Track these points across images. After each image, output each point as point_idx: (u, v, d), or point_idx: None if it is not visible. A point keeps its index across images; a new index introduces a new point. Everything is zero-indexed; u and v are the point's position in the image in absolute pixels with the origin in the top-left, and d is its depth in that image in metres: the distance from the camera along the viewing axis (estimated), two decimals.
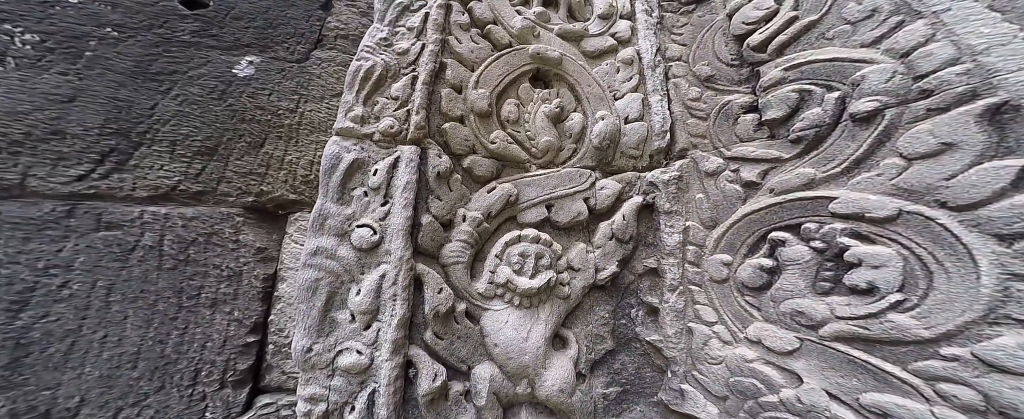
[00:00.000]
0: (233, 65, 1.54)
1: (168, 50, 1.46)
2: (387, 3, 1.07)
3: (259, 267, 1.43)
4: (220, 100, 1.47)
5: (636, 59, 1.20)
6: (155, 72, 1.41)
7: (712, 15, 1.22)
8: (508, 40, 1.14)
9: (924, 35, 0.75)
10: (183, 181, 1.34)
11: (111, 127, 1.31)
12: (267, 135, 1.48)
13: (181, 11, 1.56)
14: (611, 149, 1.11)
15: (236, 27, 1.62)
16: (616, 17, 1.28)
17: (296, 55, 1.65)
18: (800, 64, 0.93)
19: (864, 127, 0.79)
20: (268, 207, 1.45)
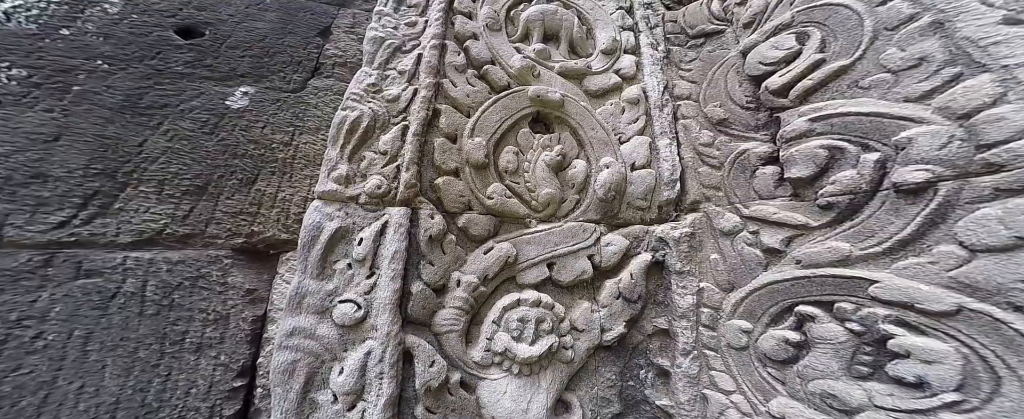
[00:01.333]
0: (227, 96, 1.45)
1: (160, 82, 1.38)
2: (376, 44, 0.97)
3: (248, 309, 1.34)
4: (212, 134, 1.38)
5: (642, 98, 1.08)
6: (145, 106, 1.33)
7: (723, 50, 1.10)
8: (506, 81, 1.03)
9: (991, 94, 0.62)
10: (170, 224, 1.25)
11: (96, 167, 1.21)
12: (260, 170, 1.38)
13: (176, 41, 1.48)
14: (617, 201, 0.99)
15: (231, 56, 1.53)
16: (620, 52, 1.16)
17: (292, 84, 1.56)
18: (829, 115, 0.80)
19: (911, 201, 0.67)
20: (259, 247, 1.36)
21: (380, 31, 0.99)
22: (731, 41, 1.10)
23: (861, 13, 0.81)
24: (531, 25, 1.14)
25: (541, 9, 1.16)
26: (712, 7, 1.19)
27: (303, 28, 1.70)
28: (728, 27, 1.12)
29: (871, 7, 0.80)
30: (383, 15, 1.03)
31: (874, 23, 0.78)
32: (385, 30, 1.00)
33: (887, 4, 0.77)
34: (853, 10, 0.82)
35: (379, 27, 1.00)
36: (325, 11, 1.74)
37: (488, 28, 1.08)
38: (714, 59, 1.10)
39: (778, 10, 0.99)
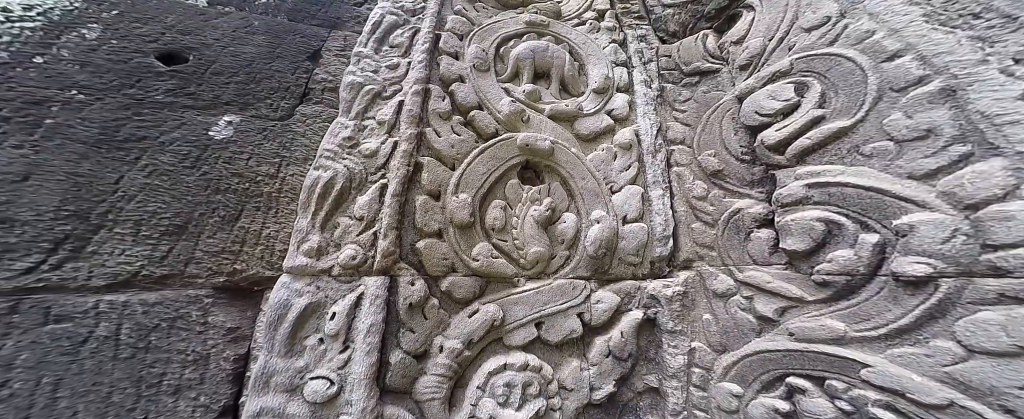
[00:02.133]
0: (210, 126, 1.37)
1: (139, 113, 1.29)
2: (354, 91, 0.89)
3: (229, 348, 1.27)
4: (193, 168, 1.31)
5: (635, 142, 1.03)
6: (122, 140, 1.25)
7: (718, 92, 1.04)
8: (494, 128, 0.97)
9: (1003, 185, 0.56)
10: (147, 266, 1.17)
11: (68, 209, 1.12)
12: (243, 206, 1.31)
13: (157, 67, 1.39)
14: (608, 257, 0.94)
15: (216, 83, 1.44)
16: (612, 90, 1.10)
17: (280, 112, 1.48)
18: (827, 184, 0.75)
19: (910, 291, 0.63)
20: (242, 285, 1.30)
21: (358, 75, 0.92)
22: (727, 82, 1.04)
23: (865, 68, 0.75)
24: (521, 64, 1.08)
25: (532, 47, 1.10)
26: (707, 44, 1.13)
27: (292, 52, 1.62)
28: (724, 66, 1.06)
29: (876, 63, 0.74)
30: (362, 57, 0.95)
31: (879, 81, 0.72)
32: (364, 74, 0.92)
33: (894, 62, 0.71)
34: (856, 64, 0.76)
35: (357, 71, 0.92)
36: (315, 34, 1.66)
37: (475, 69, 1.02)
38: (709, 101, 1.04)
39: (776, 55, 0.93)
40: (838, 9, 0.82)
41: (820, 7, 0.85)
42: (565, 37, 1.18)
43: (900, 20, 0.71)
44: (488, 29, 1.12)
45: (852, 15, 0.80)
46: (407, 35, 1.00)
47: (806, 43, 0.85)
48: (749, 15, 1.04)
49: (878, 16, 0.75)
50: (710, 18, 1.16)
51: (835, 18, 0.81)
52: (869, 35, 0.74)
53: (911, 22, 0.69)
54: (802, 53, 0.84)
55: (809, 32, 0.85)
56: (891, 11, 0.74)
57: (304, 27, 1.66)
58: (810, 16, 0.86)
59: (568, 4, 1.29)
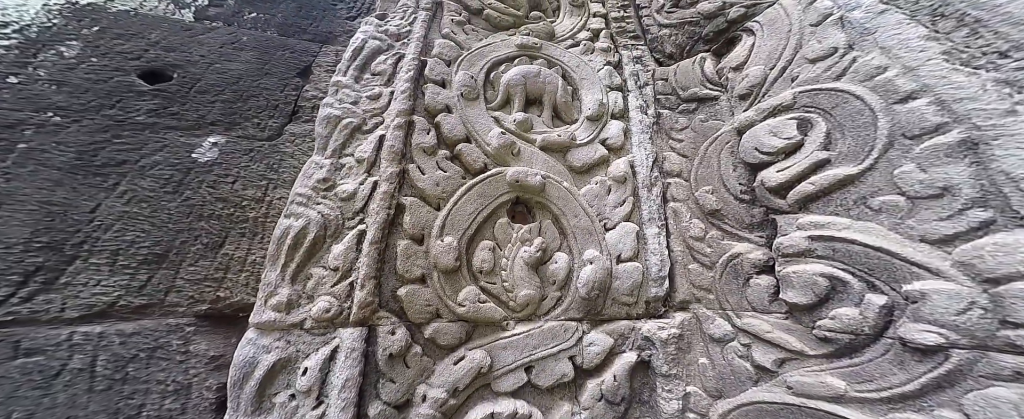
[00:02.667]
0: (194, 148, 1.31)
1: (119, 135, 1.23)
2: (331, 125, 0.81)
3: (212, 377, 1.22)
4: (175, 193, 1.25)
5: (629, 176, 0.97)
6: (100, 164, 1.19)
7: (716, 121, 0.98)
8: (483, 163, 0.90)
9: None
10: (124, 296, 1.12)
11: (40, 240, 1.05)
12: (228, 232, 1.25)
13: (139, 86, 1.32)
14: (601, 298, 0.89)
15: (201, 102, 1.38)
16: (607, 117, 1.03)
17: (267, 131, 1.42)
18: (832, 238, 0.68)
19: (918, 358, 0.58)
20: (225, 312, 1.25)
21: (336, 107, 0.84)
22: (725, 111, 0.98)
23: (875, 109, 0.68)
24: (512, 90, 1.01)
25: (523, 72, 1.03)
26: (705, 68, 1.06)
27: (281, 68, 1.55)
28: (722, 93, 1.00)
29: (888, 104, 0.67)
30: (342, 87, 0.87)
31: (890, 125, 0.66)
32: (342, 106, 0.85)
33: (908, 104, 0.64)
34: (866, 104, 0.69)
35: (335, 102, 0.85)
36: (306, 48, 1.59)
37: (464, 98, 0.95)
38: (707, 131, 0.98)
39: (778, 85, 0.86)
40: (846, 40, 0.75)
41: (826, 36, 0.78)
42: (558, 60, 1.11)
43: (916, 57, 0.64)
44: (478, 54, 1.05)
45: (862, 47, 0.73)
46: (390, 62, 0.93)
47: (810, 75, 0.79)
48: (749, 40, 0.97)
49: (891, 51, 0.68)
50: (708, 40, 1.09)
51: (843, 49, 0.75)
52: (880, 71, 0.67)
53: (928, 60, 0.62)
54: (806, 86, 0.78)
55: (814, 63, 0.79)
56: (906, 45, 0.67)
57: (294, 42, 1.59)
58: (815, 46, 0.79)
59: (562, 24, 1.23)
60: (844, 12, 0.77)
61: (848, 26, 0.76)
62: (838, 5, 0.78)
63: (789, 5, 0.90)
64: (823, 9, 0.81)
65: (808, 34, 0.82)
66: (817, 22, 0.81)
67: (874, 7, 0.72)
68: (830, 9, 0.79)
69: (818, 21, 0.81)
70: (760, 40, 0.92)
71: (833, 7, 0.79)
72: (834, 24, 0.77)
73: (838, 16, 0.77)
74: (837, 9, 0.78)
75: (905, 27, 0.66)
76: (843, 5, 0.77)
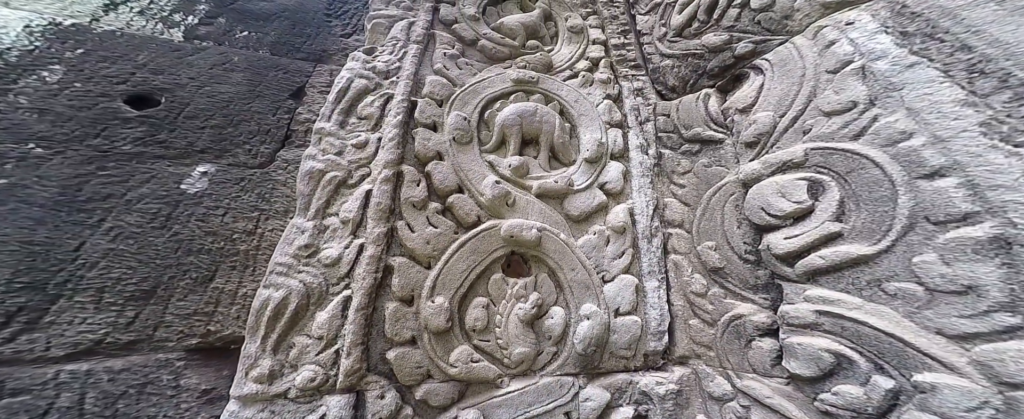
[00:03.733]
0: (182, 178, 1.23)
1: (104, 167, 1.15)
2: (313, 182, 0.74)
3: (204, 411, 1.17)
4: (163, 228, 1.18)
5: (629, 225, 0.89)
6: (85, 200, 1.12)
7: (720, 167, 0.89)
8: (476, 215, 0.83)
9: None
10: (112, 333, 1.06)
11: (21, 281, 0.99)
12: (218, 266, 1.19)
13: (125, 112, 1.24)
14: (598, 353, 0.83)
15: (190, 128, 1.29)
16: (606, 158, 0.95)
17: (259, 158, 1.34)
18: (841, 317, 0.61)
19: None
20: (217, 345, 1.19)
21: (320, 160, 0.77)
22: (730, 156, 0.89)
23: (896, 183, 0.59)
24: (507, 131, 0.93)
25: (519, 112, 0.94)
26: (709, 106, 0.96)
27: (273, 90, 1.46)
28: (727, 137, 0.91)
29: (911, 178, 0.58)
30: (325, 135, 0.79)
31: (912, 204, 0.57)
32: (326, 157, 0.77)
33: (934, 182, 0.55)
34: (885, 174, 0.61)
35: (318, 153, 0.77)
36: (299, 68, 1.50)
37: (456, 142, 0.87)
38: (710, 178, 0.90)
39: (788, 137, 0.77)
40: (867, 94, 0.66)
41: (844, 87, 0.69)
42: (555, 95, 1.02)
43: (948, 126, 0.55)
44: (471, 91, 0.96)
45: (885, 104, 0.64)
46: (378, 104, 0.85)
47: (824, 131, 0.70)
48: (757, 79, 0.88)
49: (919, 114, 0.58)
50: (713, 75, 0.99)
51: (863, 105, 0.65)
52: (905, 137, 0.59)
53: (963, 131, 0.53)
54: (819, 143, 0.69)
55: (829, 117, 0.69)
56: (937, 110, 0.57)
57: (287, 61, 1.50)
58: (831, 97, 0.70)
59: (560, 53, 1.13)
60: (867, 61, 0.67)
61: (870, 78, 0.66)
62: (860, 52, 0.68)
63: (803, 46, 0.80)
64: (842, 55, 0.71)
65: (824, 82, 0.73)
66: (834, 69, 0.71)
67: (902, 59, 0.62)
68: (850, 56, 0.70)
69: (836, 68, 0.71)
70: (770, 82, 0.83)
71: (853, 54, 0.69)
72: (854, 74, 0.68)
73: (859, 65, 0.67)
74: (858, 56, 0.68)
75: (937, 87, 0.57)
76: (866, 52, 0.67)
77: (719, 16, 1.00)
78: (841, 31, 0.74)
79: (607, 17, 1.26)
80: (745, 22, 0.93)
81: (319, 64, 1.52)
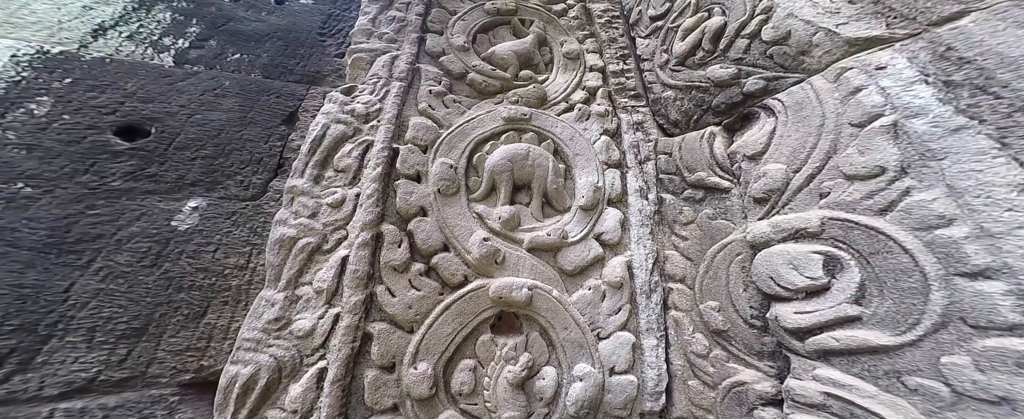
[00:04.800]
0: (173, 214, 1.17)
1: (93, 205, 1.09)
2: (284, 250, 0.66)
3: None
4: (153, 267, 1.11)
5: (626, 280, 0.81)
6: (74, 241, 1.05)
7: (726, 220, 0.78)
8: (462, 275, 0.75)
9: None
10: (104, 370, 1.02)
11: (12, 323, 0.95)
12: (210, 302, 1.13)
13: (115, 145, 1.16)
14: (591, 415, 0.76)
15: (181, 159, 1.22)
16: (603, 204, 0.86)
17: (251, 190, 1.26)
18: (853, 403, 0.53)
19: None
20: (210, 380, 1.16)
21: (291, 225, 0.68)
22: (737, 210, 0.78)
23: (929, 277, 0.48)
24: (497, 178, 0.83)
25: (509, 155, 0.84)
26: (714, 147, 0.85)
27: (265, 115, 1.37)
28: (734, 186, 0.80)
29: (948, 274, 0.47)
30: (297, 194, 0.71)
31: (947, 303, 0.47)
32: (298, 221, 0.69)
33: (977, 284, 0.45)
34: (916, 264, 0.49)
35: (290, 217, 0.69)
36: (292, 92, 1.41)
37: (441, 194, 0.78)
38: (715, 232, 0.79)
39: (802, 197, 0.65)
40: (899, 159, 0.53)
41: (871, 147, 0.56)
42: (549, 132, 0.92)
43: (1000, 217, 0.44)
44: (458, 133, 0.86)
45: (920, 176, 0.51)
46: (357, 153, 0.76)
47: (845, 198, 0.59)
48: (768, 122, 0.76)
49: (963, 195, 0.47)
50: (719, 112, 0.87)
51: (893, 173, 0.54)
52: (943, 223, 0.48)
53: (1019, 227, 0.42)
54: (839, 212, 0.58)
55: (851, 182, 0.58)
56: (987, 194, 0.45)
57: (280, 85, 1.41)
58: (855, 159, 0.58)
59: (555, 82, 1.01)
60: (900, 117, 0.54)
61: (904, 139, 0.54)
62: (892, 105, 0.56)
63: (822, 89, 0.67)
64: (870, 107, 0.58)
65: (846, 136, 0.61)
66: (860, 122, 0.59)
67: (945, 119, 0.50)
68: (880, 108, 0.57)
69: (861, 121, 0.59)
70: (783, 128, 0.71)
71: (884, 106, 0.57)
72: (884, 133, 0.56)
73: (890, 122, 0.55)
74: (890, 110, 0.56)
75: (989, 162, 0.45)
76: (900, 107, 0.54)
77: (726, 46, 0.87)
78: (870, 76, 0.61)
79: (605, 40, 1.15)
80: (755, 55, 0.81)
81: (313, 86, 1.43)
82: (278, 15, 1.67)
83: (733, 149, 0.81)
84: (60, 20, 1.31)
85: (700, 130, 0.89)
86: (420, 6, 0.96)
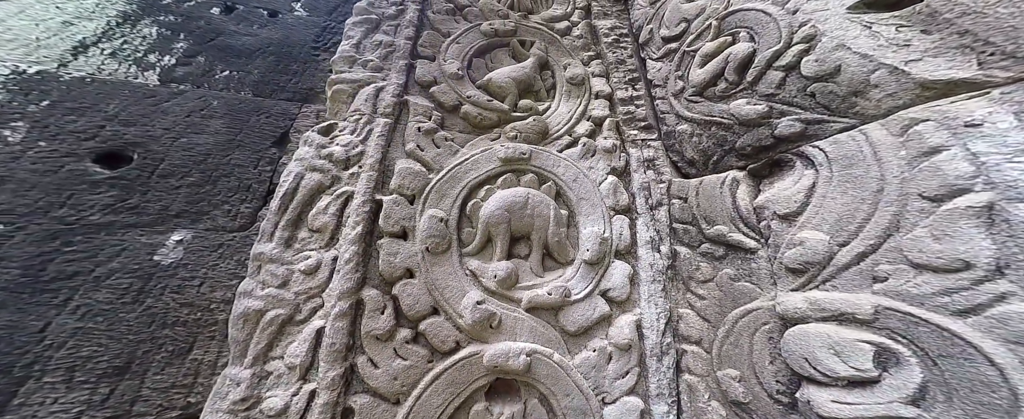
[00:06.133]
0: (156, 249, 1.05)
1: (70, 242, 0.96)
2: (249, 326, 0.54)
3: None
4: (135, 303, 1.01)
5: (635, 341, 0.69)
6: (49, 280, 0.94)
7: (749, 284, 0.64)
8: (454, 341, 0.63)
9: None
10: (87, 410, 0.94)
11: None
12: (196, 338, 1.03)
13: (94, 175, 1.02)
14: None
15: (164, 188, 1.09)
16: (610, 257, 0.72)
17: (239, 220, 1.13)
18: None
19: None
20: (198, 416, 1.07)
21: (258, 296, 0.56)
22: (764, 274, 0.62)
23: (1020, 397, 0.36)
24: (493, 230, 0.69)
25: (507, 204, 0.70)
26: (738, 197, 0.68)
27: (255, 137, 1.24)
28: (761, 247, 0.64)
29: None
30: (266, 261, 0.58)
31: None
32: (266, 293, 0.56)
33: None
34: (1006, 380, 0.37)
35: (257, 288, 0.56)
36: (283, 111, 1.27)
37: (430, 252, 0.65)
38: (737, 296, 0.65)
39: (848, 277, 0.50)
40: (994, 255, 0.38)
41: (953, 234, 0.41)
42: (551, 173, 0.77)
43: None
44: (450, 179, 0.71)
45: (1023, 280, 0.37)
46: (334, 209, 0.62)
47: (909, 288, 0.44)
48: (806, 175, 0.60)
49: None
50: (744, 155, 0.71)
51: (984, 272, 0.39)
52: None
53: None
54: (899, 304, 0.44)
55: (919, 271, 0.43)
56: None
57: (271, 104, 1.27)
58: (928, 246, 0.42)
59: (557, 112, 0.86)
60: (999, 198, 0.38)
61: (1002, 229, 0.38)
62: (987, 178, 0.39)
63: (881, 143, 0.50)
64: (953, 176, 0.42)
65: (915, 211, 0.45)
66: (937, 196, 0.43)
67: None
68: (968, 181, 0.41)
69: (939, 195, 0.43)
70: (825, 186, 0.55)
71: (974, 178, 0.40)
72: (973, 216, 0.40)
73: (984, 202, 0.39)
74: (983, 185, 0.39)
75: None
76: (1000, 183, 0.38)
77: (755, 78, 0.69)
78: (953, 133, 0.44)
79: (612, 62, 0.98)
80: (792, 91, 0.64)
81: (305, 104, 1.28)
82: (271, 28, 1.50)
83: (761, 202, 0.65)
84: (38, 37, 1.16)
85: (721, 174, 0.73)
86: (410, 29, 0.80)
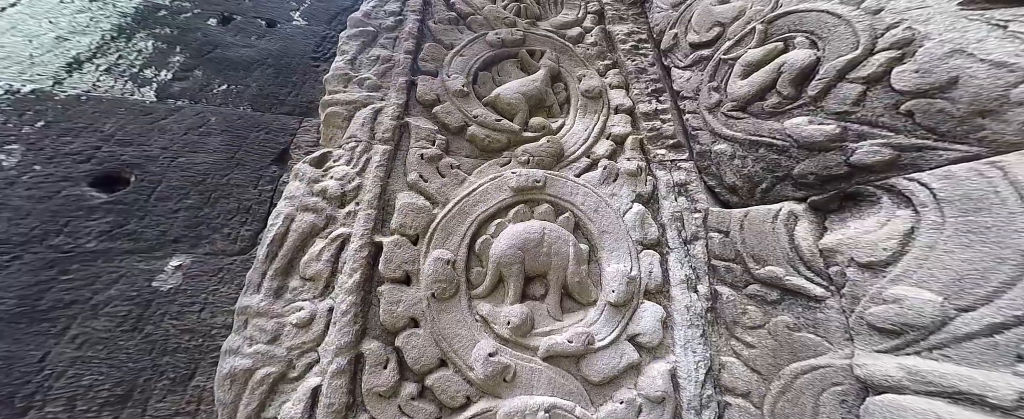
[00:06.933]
0: (154, 275, 0.98)
1: (67, 270, 0.91)
2: (236, 387, 0.47)
3: None
4: (134, 331, 0.95)
5: (670, 394, 0.56)
6: (46, 309, 0.90)
7: (813, 335, 0.51)
8: (465, 397, 0.53)
9: None
10: None
11: None
12: (197, 364, 0.97)
13: (91, 200, 0.96)
14: None
15: (162, 212, 1.02)
16: (638, 299, 0.60)
17: (239, 243, 1.06)
18: None
19: None
20: None
21: (245, 356, 0.49)
22: (835, 326, 0.49)
23: None
24: (505, 271, 0.59)
25: (520, 242, 0.59)
26: (797, 237, 0.54)
27: (255, 155, 1.15)
28: (830, 295, 0.51)
29: None
30: (253, 315, 0.50)
31: None
32: (254, 350, 0.49)
33: None
34: None
35: (244, 345, 0.49)
36: (283, 126, 1.19)
37: (436, 298, 0.55)
38: (797, 347, 0.51)
39: (969, 349, 0.38)
40: None
41: None
42: (568, 203, 0.65)
43: None
44: (457, 213, 0.61)
45: None
46: (329, 254, 0.54)
47: None
48: (900, 217, 0.46)
49: None
50: (804, 185, 0.56)
51: None
52: None
53: None
54: None
55: None
56: None
57: (270, 118, 1.19)
58: None
59: (572, 130, 0.74)
60: None
61: None
62: None
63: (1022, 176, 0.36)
64: None
65: None
66: None
67: None
68: None
69: None
70: (932, 233, 0.41)
71: None
72: None
73: None
74: None
75: None
76: None
77: (821, 92, 0.54)
78: None
79: (632, 71, 0.85)
80: (876, 108, 0.49)
81: (305, 118, 1.20)
82: (268, 39, 1.41)
83: (831, 245, 0.50)
84: (32, 54, 1.10)
85: (772, 205, 0.58)
86: (410, 41, 0.70)
